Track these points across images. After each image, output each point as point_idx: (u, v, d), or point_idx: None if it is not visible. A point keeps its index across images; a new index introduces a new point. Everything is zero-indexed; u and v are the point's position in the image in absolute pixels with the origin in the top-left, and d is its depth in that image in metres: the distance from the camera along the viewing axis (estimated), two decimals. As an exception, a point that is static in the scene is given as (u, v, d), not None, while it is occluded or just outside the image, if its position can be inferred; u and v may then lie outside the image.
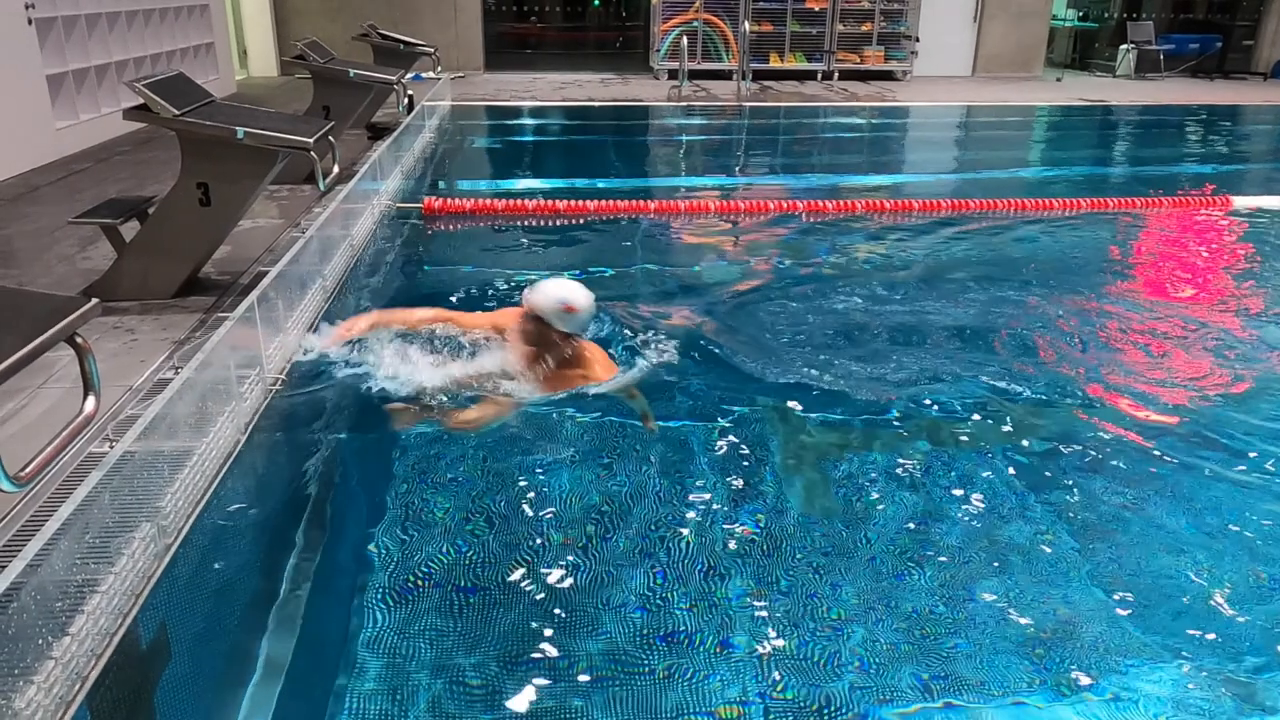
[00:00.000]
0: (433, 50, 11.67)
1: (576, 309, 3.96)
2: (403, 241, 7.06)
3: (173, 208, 4.95)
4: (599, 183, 8.99)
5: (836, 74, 16.71)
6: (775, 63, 16.58)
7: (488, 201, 7.84)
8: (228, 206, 5.00)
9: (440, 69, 13.54)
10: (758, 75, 16.08)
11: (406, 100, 9.73)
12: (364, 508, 3.56)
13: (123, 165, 8.32)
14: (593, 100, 14.17)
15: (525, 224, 7.48)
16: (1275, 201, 8.58)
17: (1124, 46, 18.29)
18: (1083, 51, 19.95)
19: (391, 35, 11.39)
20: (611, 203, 7.91)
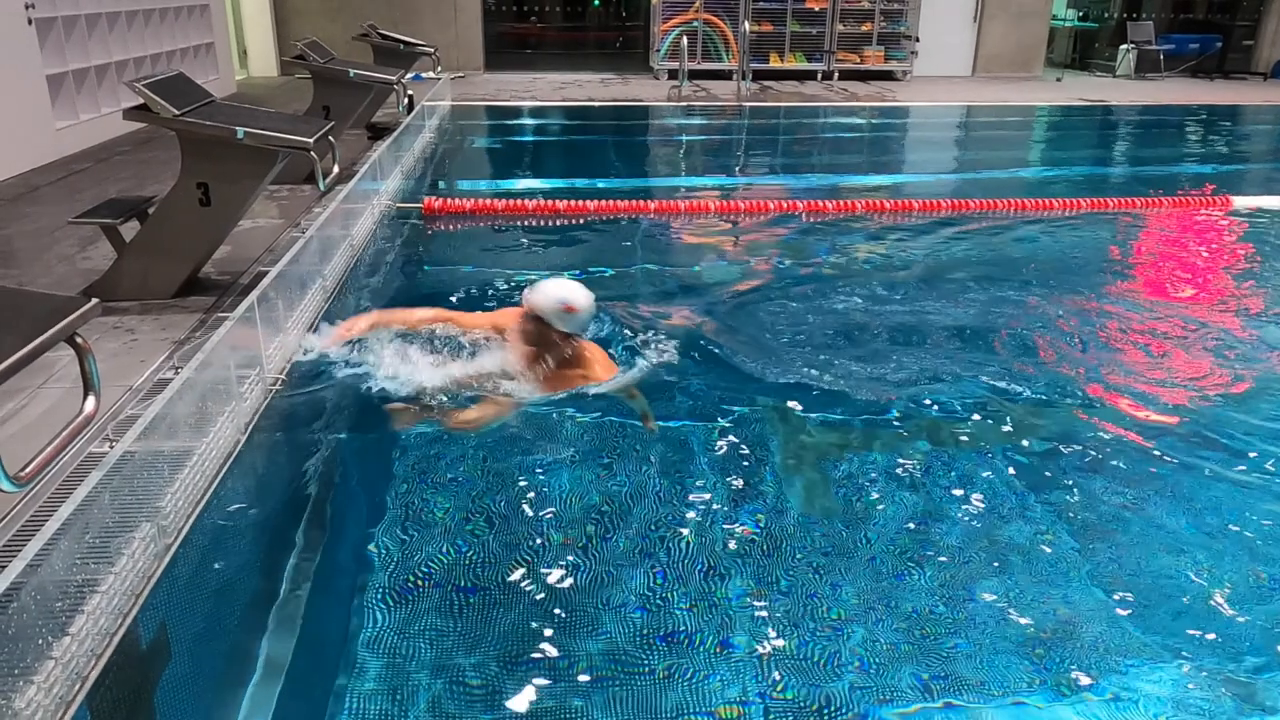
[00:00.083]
0: (433, 50, 11.67)
1: (576, 309, 3.96)
2: (403, 241, 7.06)
3: (173, 208, 4.95)
4: (599, 183, 8.99)
5: (836, 74, 16.71)
6: (775, 63, 16.58)
7: (488, 201, 7.84)
8: (228, 206, 5.01)
9: (440, 69, 13.54)
10: (758, 75, 16.08)
11: (406, 100, 9.73)
12: (364, 508, 3.56)
13: (123, 165, 8.32)
14: (593, 100, 14.16)
15: (525, 224, 7.48)
16: (1275, 201, 8.58)
17: (1124, 46, 18.29)
18: (1083, 51, 19.95)
19: (391, 35, 11.39)
20: (611, 203, 7.91)
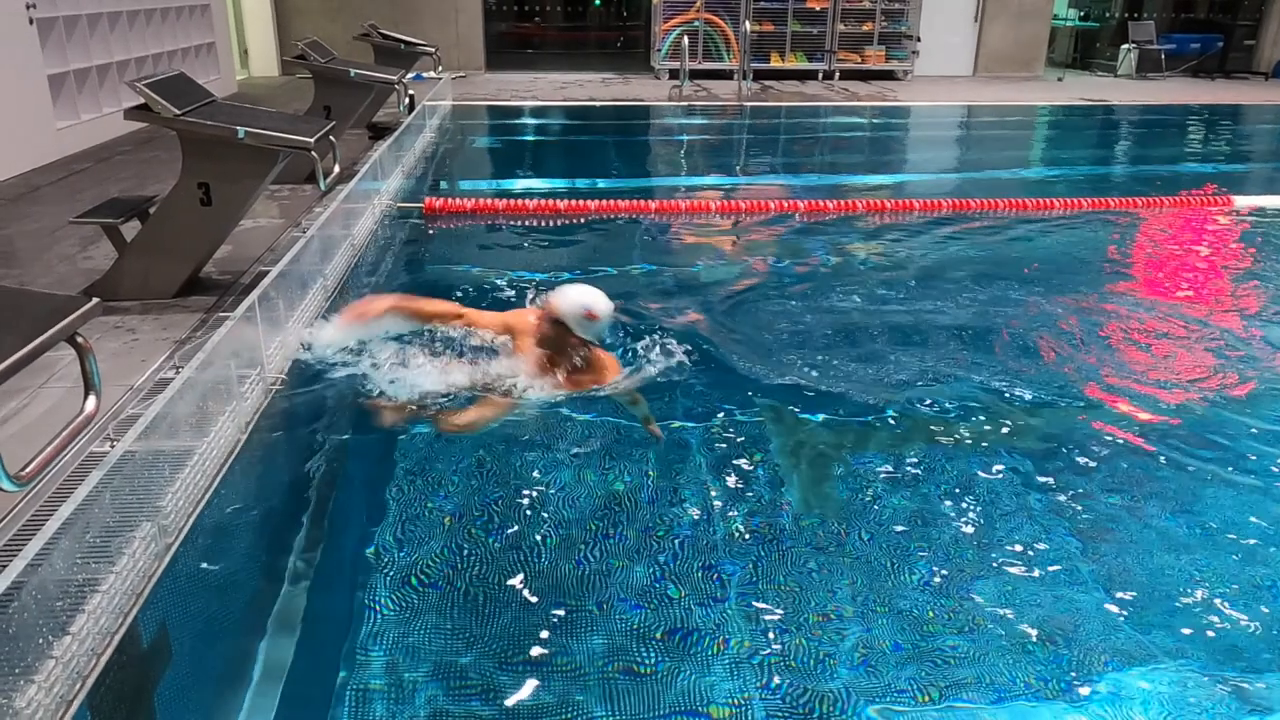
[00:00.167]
0: (434, 50, 11.68)
1: (598, 316, 3.96)
2: (403, 241, 7.06)
3: (174, 207, 4.95)
4: (600, 183, 8.99)
5: (837, 74, 16.71)
6: (776, 62, 16.58)
7: (488, 201, 7.84)
8: (229, 206, 5.01)
9: (441, 69, 13.55)
10: (759, 75, 16.08)
11: (407, 100, 9.72)
12: (364, 507, 3.56)
13: (124, 165, 8.32)
14: (594, 100, 14.16)
15: (526, 224, 7.48)
16: (1276, 201, 8.58)
17: (1125, 46, 18.28)
18: (1084, 51, 19.94)
19: (392, 35, 11.39)
20: (612, 203, 7.91)
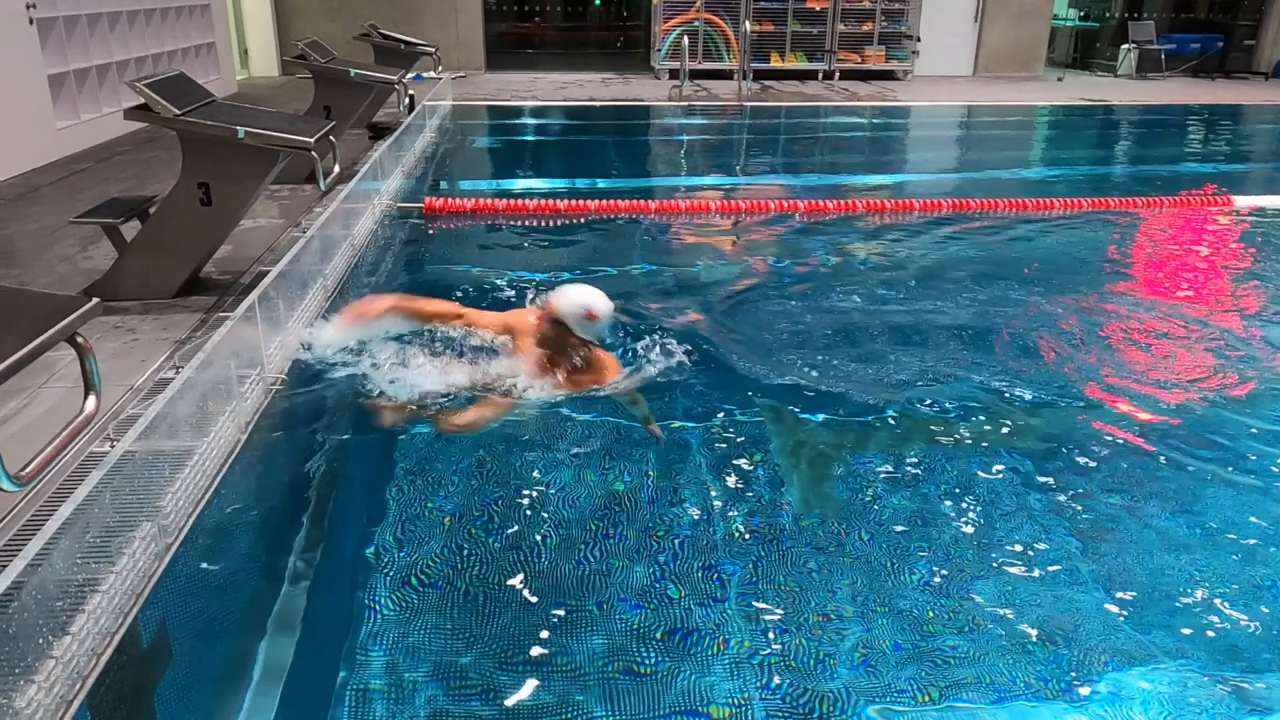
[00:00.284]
0: (434, 50, 11.68)
1: (598, 316, 3.97)
2: (403, 241, 7.06)
3: (174, 207, 4.95)
4: (600, 183, 8.99)
5: (837, 74, 16.71)
6: (776, 62, 16.58)
7: (488, 201, 7.84)
8: (229, 206, 5.01)
9: (441, 69, 13.55)
10: (759, 75, 16.08)
11: (407, 100, 9.72)
12: (364, 507, 3.56)
13: (124, 165, 8.32)
14: (594, 100, 14.16)
15: (526, 224, 7.48)
16: (1276, 201, 8.57)
17: (1125, 46, 18.28)
18: (1084, 51, 19.94)
19: (392, 35, 11.39)
20: (612, 203, 7.91)
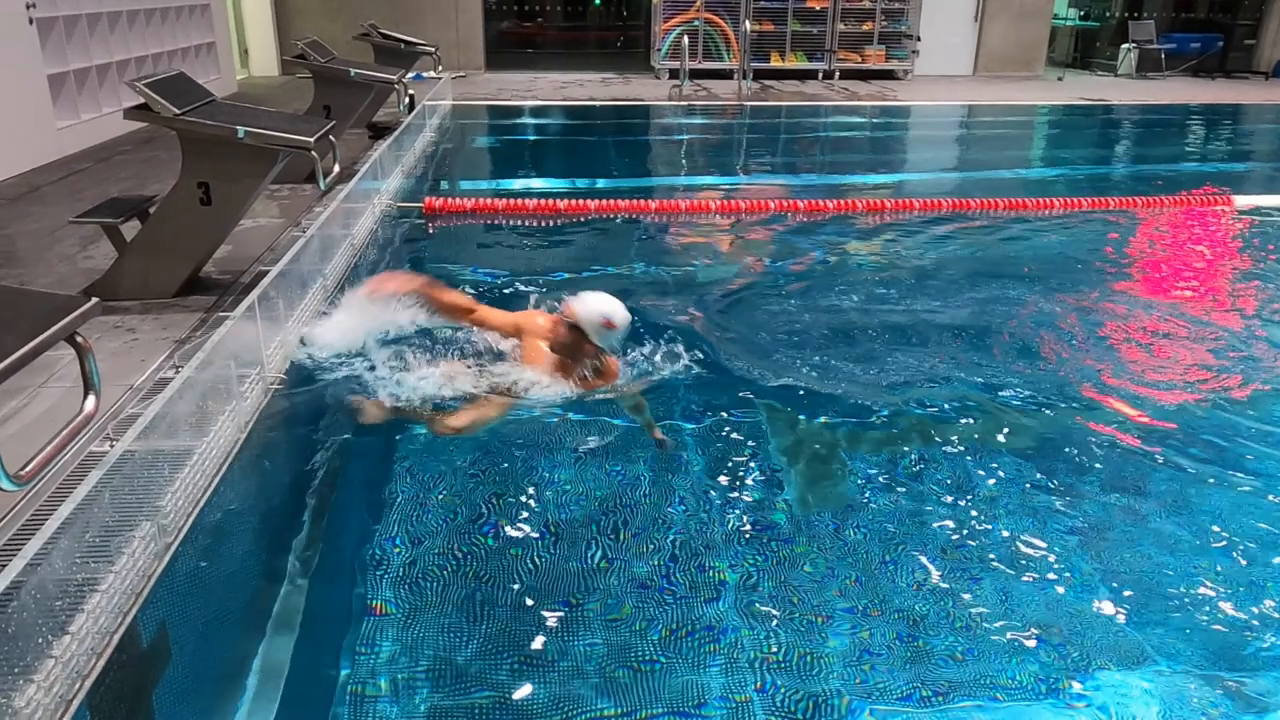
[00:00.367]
0: (434, 50, 11.68)
1: (615, 326, 3.97)
2: (403, 241, 7.06)
3: (174, 207, 4.95)
4: (600, 182, 8.99)
5: (837, 73, 16.70)
6: (776, 62, 16.57)
7: (488, 201, 7.84)
8: (228, 206, 5.01)
9: (441, 68, 13.54)
10: (759, 75, 16.07)
11: (407, 100, 9.72)
12: (364, 507, 3.56)
13: (124, 165, 8.32)
14: (594, 100, 14.16)
15: (526, 223, 7.48)
16: (1276, 201, 8.57)
17: (1125, 46, 18.28)
18: (1084, 51, 19.93)
19: (392, 35, 11.39)
20: (612, 202, 7.91)
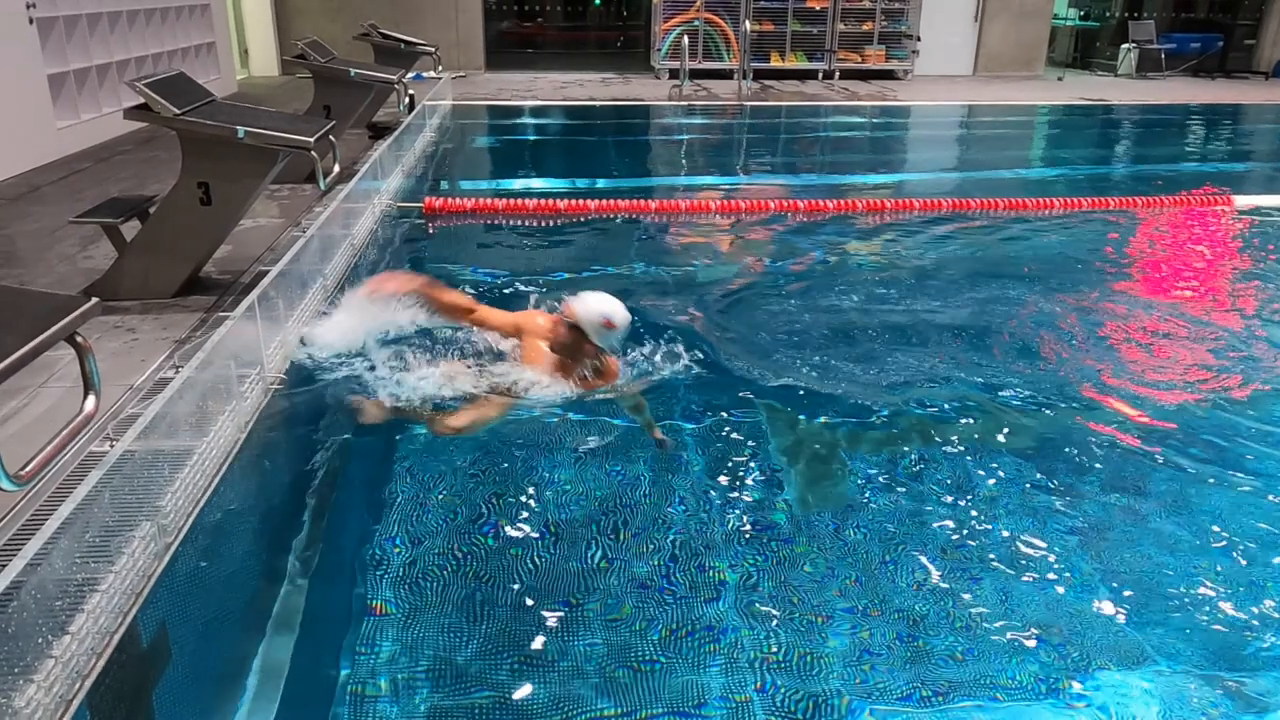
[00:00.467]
0: (434, 50, 11.68)
1: (615, 326, 3.98)
2: (403, 241, 7.06)
3: (174, 207, 4.95)
4: (600, 182, 8.99)
5: (837, 73, 16.70)
6: (776, 62, 16.57)
7: (488, 201, 7.84)
8: (228, 206, 5.01)
9: (441, 68, 13.54)
10: (759, 75, 16.07)
11: (407, 100, 9.72)
12: (364, 507, 3.56)
13: (124, 165, 8.32)
14: (594, 100, 14.16)
15: (526, 223, 7.48)
16: (1276, 201, 8.57)
17: (1125, 46, 18.28)
18: (1084, 51, 19.93)
19: (392, 35, 11.39)
20: (612, 202, 7.91)
